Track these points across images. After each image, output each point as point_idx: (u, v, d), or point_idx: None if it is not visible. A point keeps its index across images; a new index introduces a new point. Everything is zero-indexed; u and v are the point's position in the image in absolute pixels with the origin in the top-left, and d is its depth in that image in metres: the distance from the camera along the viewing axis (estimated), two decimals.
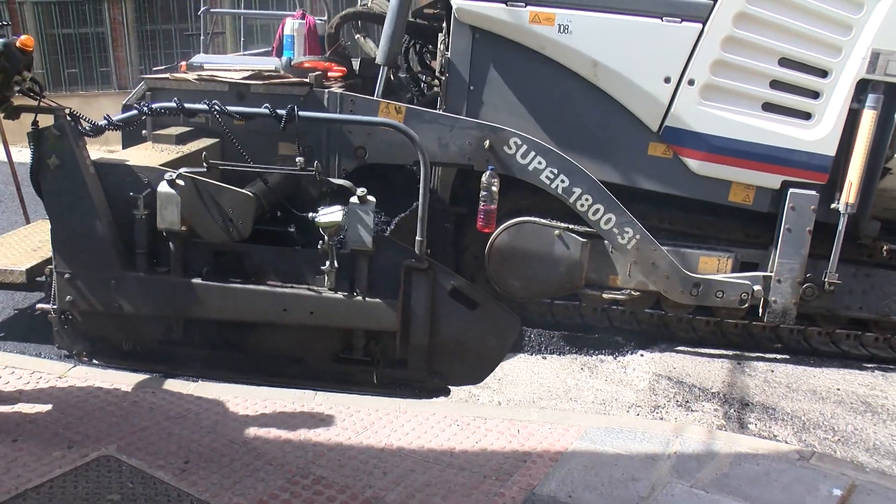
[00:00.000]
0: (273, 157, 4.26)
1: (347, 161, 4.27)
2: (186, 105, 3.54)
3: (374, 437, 3.28)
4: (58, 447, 3.08)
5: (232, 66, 4.64)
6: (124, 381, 3.72)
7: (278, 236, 3.92)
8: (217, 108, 3.50)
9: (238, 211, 3.59)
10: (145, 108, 3.58)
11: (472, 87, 4.31)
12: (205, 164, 3.58)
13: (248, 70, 4.46)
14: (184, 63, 4.69)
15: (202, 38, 5.93)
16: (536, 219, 4.36)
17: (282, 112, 3.48)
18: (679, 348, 4.61)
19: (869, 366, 4.53)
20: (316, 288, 3.60)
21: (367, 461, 3.09)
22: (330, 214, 3.46)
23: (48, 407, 3.42)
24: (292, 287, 3.60)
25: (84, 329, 3.84)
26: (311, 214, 3.52)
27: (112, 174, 3.64)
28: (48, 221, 4.76)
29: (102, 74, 12.11)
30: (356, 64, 4.87)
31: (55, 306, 3.76)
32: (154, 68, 4.85)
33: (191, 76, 4.31)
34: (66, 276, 3.66)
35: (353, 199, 3.45)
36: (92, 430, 3.22)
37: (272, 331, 3.76)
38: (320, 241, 3.52)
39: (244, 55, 5.74)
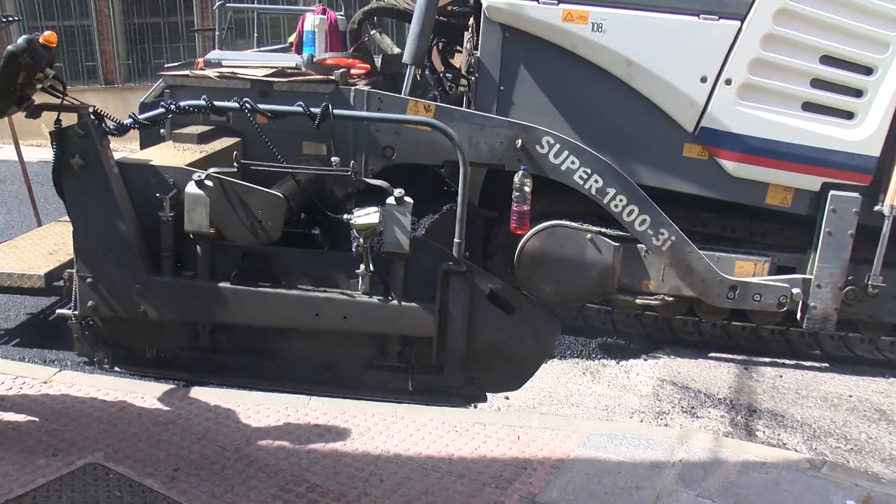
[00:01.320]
0: (297, 157, 4.28)
1: (374, 161, 4.28)
2: (216, 103, 3.55)
3: (371, 444, 3.28)
4: (42, 455, 3.05)
5: (251, 62, 4.65)
6: (112, 386, 3.71)
7: (302, 238, 3.94)
8: (248, 105, 3.51)
9: (267, 212, 3.58)
10: (172, 106, 3.58)
11: (502, 88, 4.32)
12: (235, 164, 3.58)
13: (269, 67, 4.47)
14: (201, 59, 4.69)
15: (217, 33, 5.94)
16: (568, 222, 4.40)
17: (316, 110, 3.49)
18: (684, 352, 4.62)
19: (883, 372, 4.51)
20: (350, 292, 3.61)
21: (363, 468, 3.09)
22: (366, 216, 3.46)
23: (32, 413, 3.39)
24: (325, 291, 3.62)
25: (105, 335, 3.84)
26: (345, 216, 3.53)
27: (136, 175, 3.63)
28: (61, 223, 4.83)
29: (88, 69, 12.00)
30: (377, 61, 4.88)
31: (76, 312, 3.76)
32: (166, 65, 4.83)
33: (211, 73, 4.31)
34: (89, 280, 3.65)
35: (390, 200, 3.46)
36: (78, 437, 3.20)
37: (303, 337, 3.76)
38: (354, 244, 3.53)
39: (260, 51, 5.75)
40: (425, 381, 3.75)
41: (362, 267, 3.53)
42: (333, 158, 3.59)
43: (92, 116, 3.53)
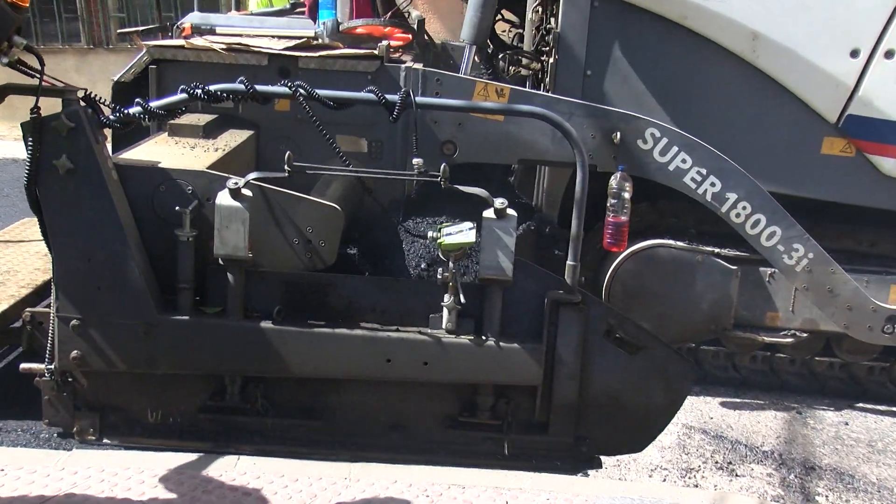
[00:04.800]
0: (330, 155, 4.58)
1: (430, 160, 4.61)
2: (259, 88, 3.82)
3: None
4: None
5: (256, 30, 4.92)
6: None
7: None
8: (303, 91, 3.80)
9: (320, 229, 3.82)
10: (198, 91, 3.79)
11: (588, 72, 4.71)
12: (286, 168, 3.84)
13: (282, 37, 4.76)
14: (187, 24, 4.94)
15: None
16: (671, 241, 4.82)
17: (393, 97, 3.79)
18: (716, 392, 4.96)
19: None
20: (429, 331, 3.87)
21: None
22: (459, 233, 3.75)
23: None
24: (398, 330, 3.88)
25: (91, 396, 3.99)
26: (430, 233, 3.85)
27: (142, 181, 3.80)
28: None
29: None
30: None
31: (52, 366, 3.86)
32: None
33: (215, 45, 4.57)
34: (74, 322, 3.76)
35: (488, 213, 3.73)
36: None
37: (364, 389, 4.01)
38: (440, 269, 3.83)
39: (255, 14, 6.01)
40: (525, 442, 4.04)
41: (448, 298, 3.79)
42: (416, 160, 3.85)
43: (82, 103, 3.64)
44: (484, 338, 3.88)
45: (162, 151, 4.22)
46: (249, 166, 4.54)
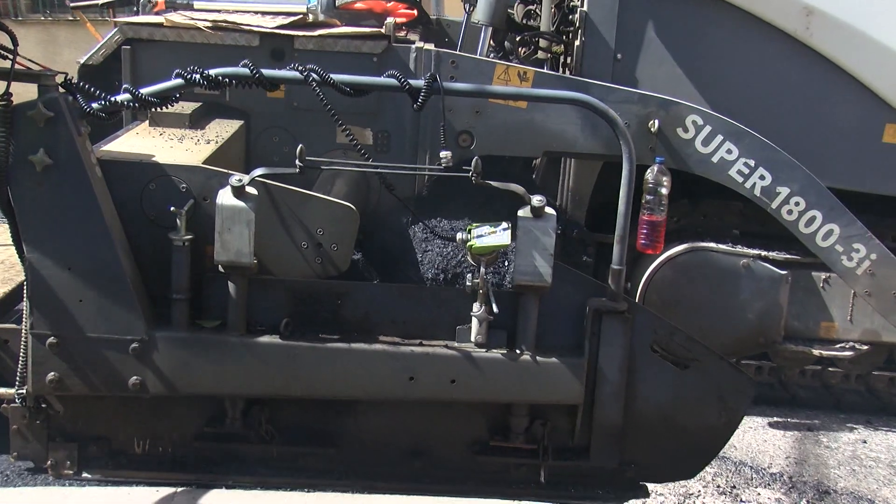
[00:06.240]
0: (330, 148, 4.84)
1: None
2: (267, 72, 4.04)
3: None
4: None
5: (238, 4, 5.14)
6: None
7: None
8: (316, 76, 4.04)
9: (332, 231, 4.03)
10: (195, 76, 3.99)
11: (618, 56, 4.97)
12: (298, 163, 4.01)
13: (273, 13, 4.99)
14: None
15: None
16: (712, 244, 5.11)
17: (417, 82, 4.02)
18: None
19: None
20: (457, 345, 4.10)
21: None
22: (491, 235, 3.97)
23: None
24: (421, 345, 4.09)
25: (69, 425, 4.17)
26: (460, 235, 4.10)
27: (130, 178, 3.98)
28: None
29: None
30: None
31: (23, 390, 4.01)
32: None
33: (199, 22, 4.79)
34: (51, 341, 3.91)
35: (524, 212, 3.98)
36: None
37: (384, 411, 4.23)
38: (469, 275, 4.05)
39: None
40: (563, 468, 4.28)
41: (478, 308, 4.02)
42: (443, 153, 4.11)
43: (62, 89, 3.78)
44: (518, 352, 4.10)
45: (147, 144, 4.36)
46: (240, 160, 4.74)
